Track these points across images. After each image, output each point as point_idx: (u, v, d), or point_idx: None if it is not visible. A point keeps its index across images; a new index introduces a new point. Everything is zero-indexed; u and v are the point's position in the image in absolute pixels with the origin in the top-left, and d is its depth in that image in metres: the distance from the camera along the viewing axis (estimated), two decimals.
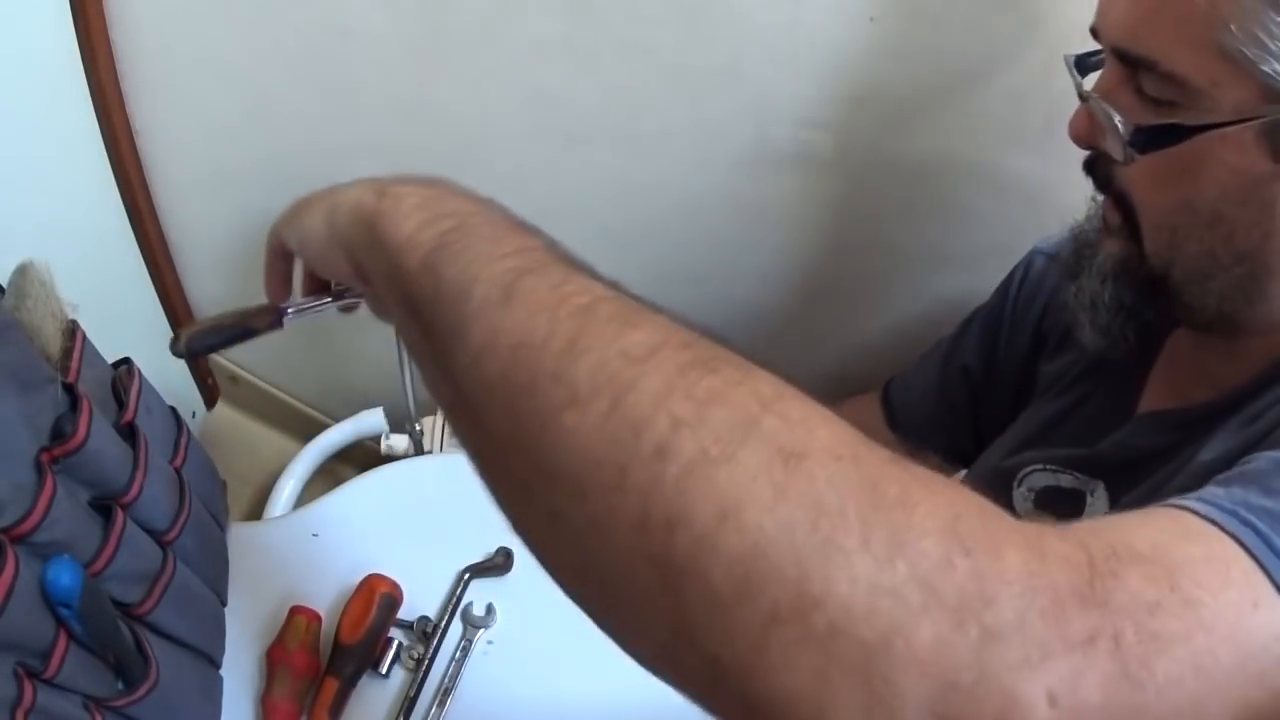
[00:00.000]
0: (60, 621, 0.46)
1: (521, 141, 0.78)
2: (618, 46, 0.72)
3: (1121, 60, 0.54)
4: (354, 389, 1.03)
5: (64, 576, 0.45)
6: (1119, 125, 0.54)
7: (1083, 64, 0.60)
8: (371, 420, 0.99)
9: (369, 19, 0.70)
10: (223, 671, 0.66)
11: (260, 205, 0.84)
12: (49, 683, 0.46)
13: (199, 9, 0.70)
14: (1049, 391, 0.75)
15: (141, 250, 0.81)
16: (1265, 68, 0.49)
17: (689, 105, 0.76)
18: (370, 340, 0.98)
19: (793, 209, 0.84)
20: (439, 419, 0.98)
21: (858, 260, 0.89)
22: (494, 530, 0.80)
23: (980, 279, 0.88)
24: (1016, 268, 0.80)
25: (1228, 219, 0.54)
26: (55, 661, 0.46)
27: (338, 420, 1.00)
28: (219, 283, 0.91)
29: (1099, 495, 0.66)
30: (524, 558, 0.75)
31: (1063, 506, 0.69)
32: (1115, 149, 0.55)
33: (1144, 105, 0.53)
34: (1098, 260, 0.62)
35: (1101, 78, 0.57)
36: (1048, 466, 0.71)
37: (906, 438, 0.87)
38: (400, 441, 0.99)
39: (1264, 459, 0.43)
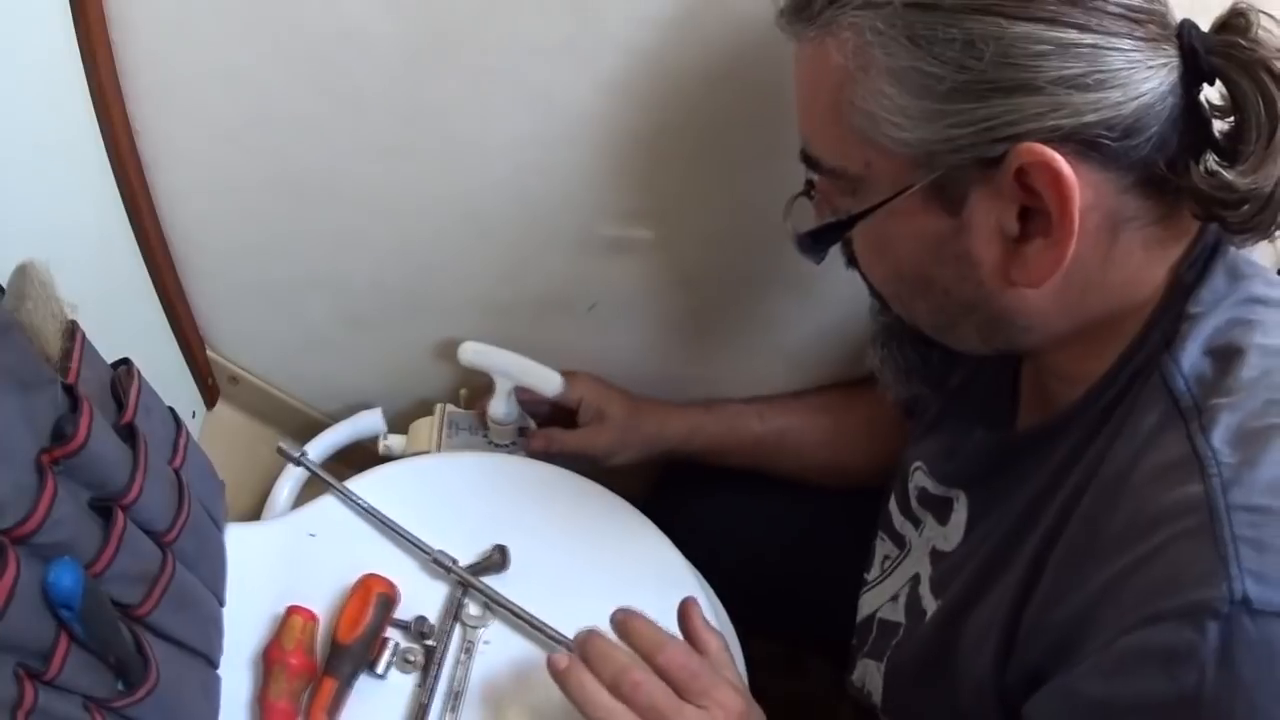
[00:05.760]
0: (61, 623, 0.46)
1: (521, 142, 0.78)
2: (618, 47, 0.72)
3: (805, 160, 0.58)
4: (353, 389, 1.04)
5: (65, 578, 0.45)
6: (791, 234, 0.59)
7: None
8: (369, 421, 0.99)
9: (369, 20, 0.70)
10: (220, 671, 0.66)
11: (261, 204, 0.85)
12: (50, 684, 0.46)
13: (199, 9, 0.70)
14: (951, 372, 0.76)
15: (141, 250, 0.81)
16: (894, 135, 0.50)
17: (689, 107, 0.76)
18: (369, 341, 0.98)
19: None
20: (436, 419, 0.99)
21: None
22: (490, 529, 0.81)
23: None
24: None
25: (935, 279, 0.55)
26: (56, 663, 0.46)
27: (336, 420, 1.00)
28: (220, 283, 0.91)
29: (961, 502, 0.68)
30: (519, 555, 0.76)
31: (937, 509, 0.70)
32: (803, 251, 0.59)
33: (841, 197, 0.56)
34: (874, 328, 0.67)
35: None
36: (923, 467, 0.73)
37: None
38: (398, 441, 0.99)
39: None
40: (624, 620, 0.63)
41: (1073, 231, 0.48)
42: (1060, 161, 0.47)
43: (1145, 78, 0.47)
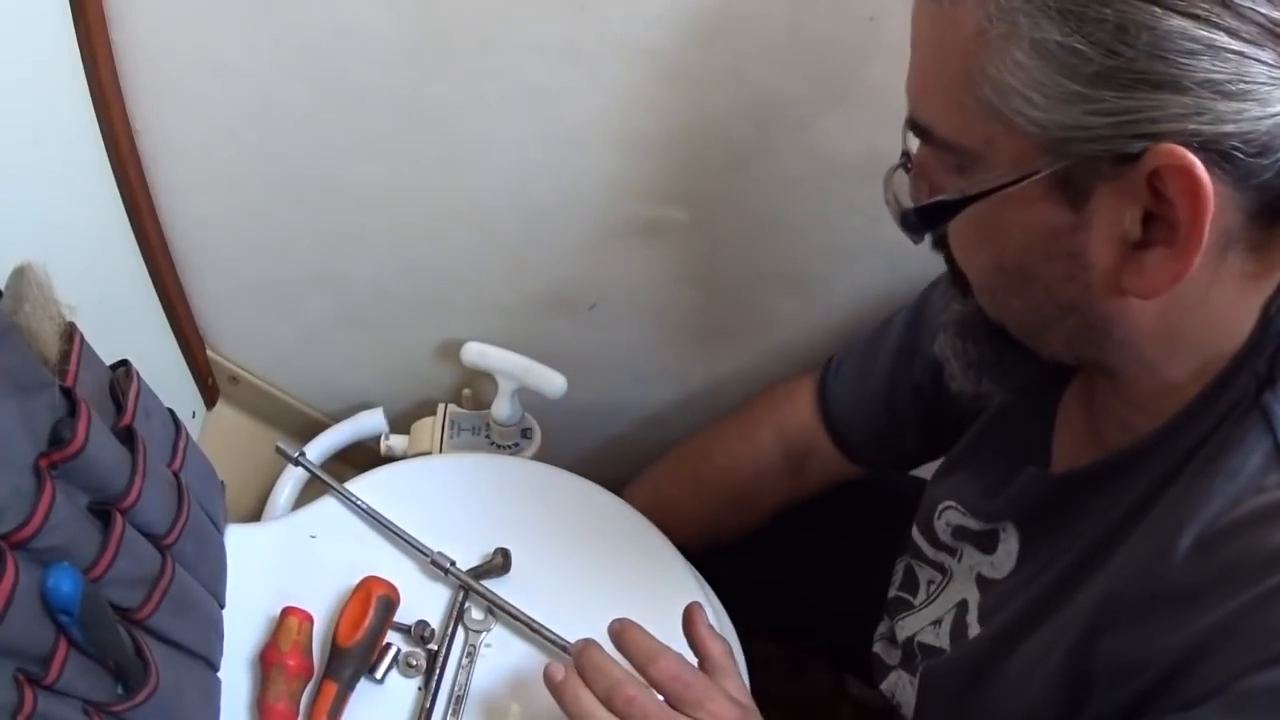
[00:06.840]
0: (60, 628, 0.46)
1: (522, 141, 0.78)
2: (618, 47, 0.72)
3: (913, 129, 0.53)
4: (354, 389, 1.03)
5: (64, 584, 0.45)
6: (895, 208, 0.54)
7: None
8: (371, 420, 0.99)
9: (369, 19, 0.70)
10: (221, 674, 0.66)
11: (261, 203, 0.85)
12: (49, 688, 0.46)
13: (200, 9, 0.69)
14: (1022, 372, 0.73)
15: (141, 250, 0.81)
16: (1026, 113, 0.47)
17: (689, 106, 0.75)
18: (371, 341, 0.98)
19: (792, 210, 0.84)
20: (438, 419, 0.98)
21: (856, 261, 0.88)
22: (492, 532, 0.80)
23: None
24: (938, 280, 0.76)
25: (1039, 275, 0.52)
26: (55, 667, 0.46)
27: (338, 420, 1.00)
28: (219, 283, 0.91)
29: (1009, 533, 0.65)
30: (522, 558, 0.76)
31: (979, 540, 0.68)
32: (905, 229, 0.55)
33: (946, 174, 0.52)
34: (949, 316, 0.63)
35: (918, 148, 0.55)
36: (956, 507, 0.70)
37: (844, 442, 0.87)
38: (400, 442, 0.99)
39: None
40: (620, 630, 0.62)
41: (1200, 245, 0.46)
42: (1201, 169, 0.44)
43: None
